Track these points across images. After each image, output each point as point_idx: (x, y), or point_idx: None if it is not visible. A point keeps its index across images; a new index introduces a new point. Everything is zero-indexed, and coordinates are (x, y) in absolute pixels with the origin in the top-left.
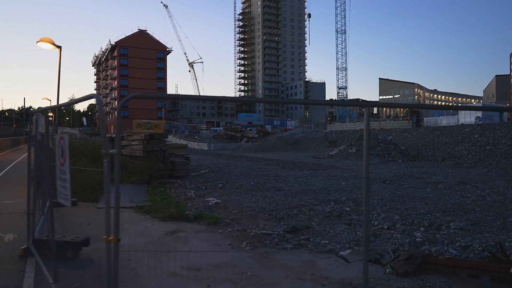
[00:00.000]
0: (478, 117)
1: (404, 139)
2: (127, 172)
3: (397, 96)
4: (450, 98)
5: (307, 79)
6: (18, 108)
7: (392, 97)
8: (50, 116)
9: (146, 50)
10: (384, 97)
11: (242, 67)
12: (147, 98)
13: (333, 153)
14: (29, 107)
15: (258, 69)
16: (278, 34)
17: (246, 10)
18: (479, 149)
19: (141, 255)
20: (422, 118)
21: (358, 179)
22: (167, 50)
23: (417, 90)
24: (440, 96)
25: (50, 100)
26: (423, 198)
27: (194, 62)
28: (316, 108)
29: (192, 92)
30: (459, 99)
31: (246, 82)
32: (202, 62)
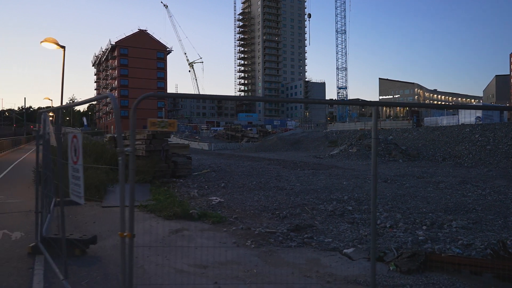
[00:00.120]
0: (478, 117)
1: (404, 139)
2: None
3: (397, 96)
4: (450, 98)
5: (307, 79)
6: (18, 108)
7: (392, 97)
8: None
9: (146, 50)
10: (384, 97)
11: (242, 67)
12: (162, 97)
13: (333, 153)
14: (29, 107)
15: (258, 69)
16: (278, 34)
17: (246, 10)
18: (480, 149)
19: (147, 253)
20: (422, 118)
21: (360, 179)
22: (167, 50)
23: (417, 90)
24: (440, 96)
25: (52, 100)
26: (425, 197)
27: (194, 62)
28: (316, 108)
29: (191, 91)
30: (459, 99)
31: (246, 82)
32: (202, 62)
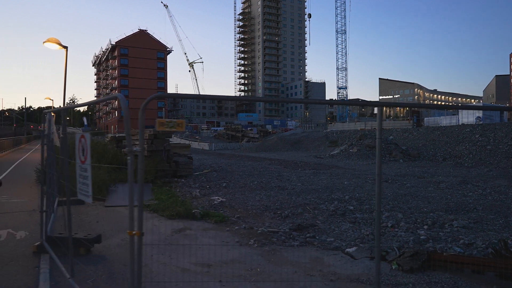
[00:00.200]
0: (478, 117)
1: (404, 139)
2: (132, 171)
3: (397, 96)
4: (450, 98)
5: (307, 79)
6: (18, 107)
7: (392, 97)
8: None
9: (146, 50)
10: (384, 97)
11: (242, 67)
12: (170, 97)
13: (334, 152)
14: (29, 107)
15: (258, 69)
16: (278, 34)
17: (246, 10)
18: (480, 149)
19: (151, 252)
20: (423, 118)
21: (361, 179)
22: (168, 50)
23: (417, 90)
24: (440, 96)
25: (53, 100)
26: (426, 197)
27: (194, 62)
28: (316, 108)
29: (192, 91)
30: (459, 99)
31: (246, 82)
32: (202, 62)
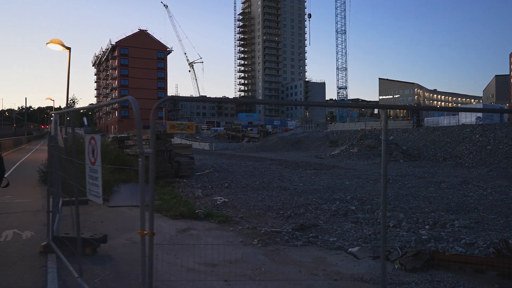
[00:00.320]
0: (478, 117)
1: (405, 139)
2: (134, 171)
3: (397, 96)
4: (450, 98)
5: (307, 79)
6: (18, 108)
7: (392, 97)
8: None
9: (146, 50)
10: (384, 97)
11: (242, 67)
12: (181, 100)
13: (335, 153)
14: (29, 107)
15: (258, 69)
16: (278, 34)
17: (246, 10)
18: (480, 149)
19: (157, 252)
20: (423, 118)
21: (361, 179)
22: (168, 50)
23: (417, 90)
24: (440, 96)
25: (54, 100)
26: (427, 197)
27: (194, 62)
28: (316, 108)
29: (191, 91)
30: (459, 99)
31: (246, 82)
32: (202, 62)
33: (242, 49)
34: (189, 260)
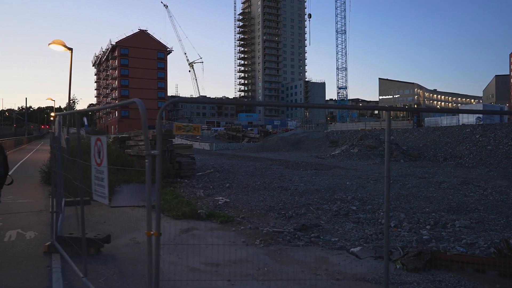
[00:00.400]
0: (478, 117)
1: (405, 139)
2: (135, 172)
3: (397, 96)
4: (450, 98)
5: (307, 79)
6: (18, 108)
7: (392, 97)
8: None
9: (146, 50)
10: (384, 97)
11: (242, 67)
12: (187, 102)
13: (335, 153)
14: (29, 107)
15: (258, 69)
16: (278, 34)
17: (246, 10)
18: (480, 149)
19: (160, 252)
20: (423, 118)
21: (362, 179)
22: (168, 50)
23: (416, 90)
24: (439, 96)
25: (54, 100)
26: (427, 197)
27: (194, 62)
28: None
29: (191, 91)
30: (459, 99)
31: (246, 82)
32: (202, 62)
33: (242, 49)
34: (192, 260)
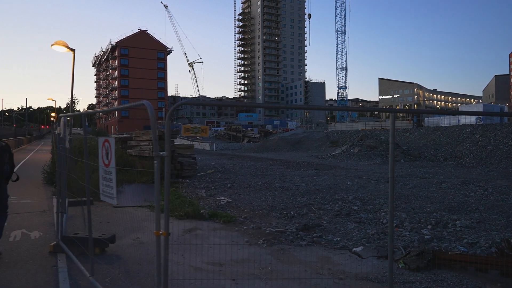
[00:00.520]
0: (478, 117)
1: (405, 139)
2: (138, 172)
3: (396, 96)
4: (450, 98)
5: (307, 79)
6: (18, 108)
7: (392, 97)
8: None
9: (146, 50)
10: (383, 97)
11: (242, 67)
12: (195, 104)
13: (335, 153)
14: (29, 107)
15: (258, 69)
16: (278, 34)
17: (246, 10)
18: (481, 149)
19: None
20: (423, 118)
21: (363, 179)
22: (168, 50)
23: (416, 90)
24: (439, 96)
25: (55, 100)
26: (428, 197)
27: (194, 62)
28: None
29: (191, 92)
30: (459, 99)
31: (246, 82)
32: (202, 62)
33: (242, 49)
34: (196, 259)
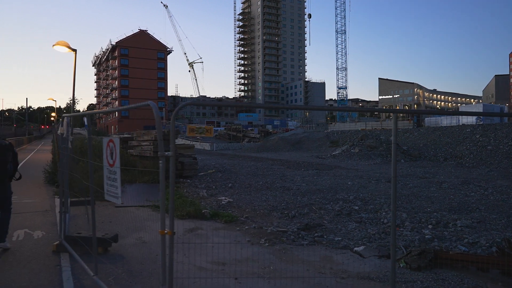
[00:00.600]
0: (478, 117)
1: (406, 139)
2: (139, 172)
3: (396, 96)
4: (450, 98)
5: (307, 79)
6: (18, 108)
7: (392, 97)
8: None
9: (146, 50)
10: (383, 97)
11: (242, 67)
12: (199, 105)
13: (336, 153)
14: (29, 107)
15: (258, 69)
16: (278, 34)
17: (246, 10)
18: (481, 149)
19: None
20: (423, 118)
21: (364, 179)
22: (168, 50)
23: (416, 90)
24: (439, 96)
25: (55, 100)
26: (429, 197)
27: (194, 62)
28: None
29: (191, 92)
30: (459, 99)
31: (246, 82)
32: (202, 62)
33: (242, 49)
34: (199, 258)
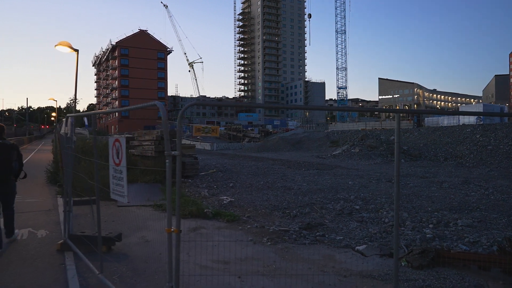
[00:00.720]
0: (478, 117)
1: (406, 139)
2: (140, 171)
3: (396, 96)
4: (450, 98)
5: (307, 79)
6: (18, 108)
7: (391, 97)
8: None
9: (146, 50)
10: (383, 97)
11: (242, 67)
12: (205, 105)
13: (336, 153)
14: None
15: (258, 69)
16: (278, 34)
17: (246, 10)
18: (481, 149)
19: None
20: (423, 118)
21: (364, 179)
22: (168, 50)
23: (416, 90)
24: (439, 96)
25: (56, 100)
26: (429, 196)
27: (194, 62)
28: None
29: (191, 91)
30: (459, 99)
31: (246, 82)
32: (202, 62)
33: (242, 49)
34: (202, 257)
